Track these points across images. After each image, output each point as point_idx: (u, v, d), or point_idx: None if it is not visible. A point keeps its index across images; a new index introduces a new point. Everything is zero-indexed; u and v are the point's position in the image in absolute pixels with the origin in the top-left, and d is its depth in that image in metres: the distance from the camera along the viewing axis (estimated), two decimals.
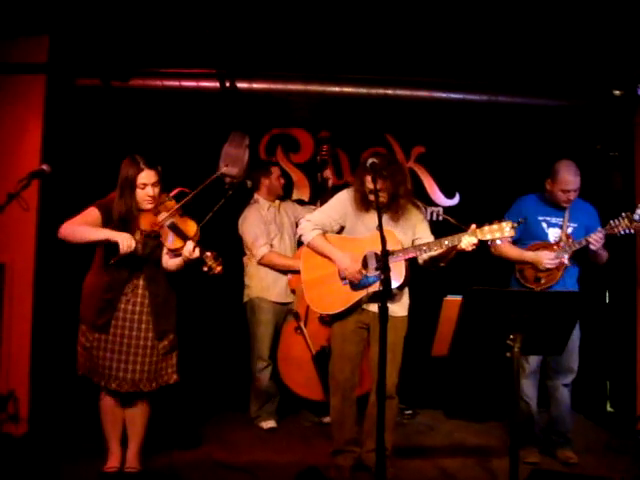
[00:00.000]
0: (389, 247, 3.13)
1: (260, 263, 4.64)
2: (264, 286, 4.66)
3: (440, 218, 5.32)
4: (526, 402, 3.99)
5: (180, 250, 3.32)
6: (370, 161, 3.44)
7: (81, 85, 4.71)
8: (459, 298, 2.84)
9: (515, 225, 3.34)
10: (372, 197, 3.51)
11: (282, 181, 4.86)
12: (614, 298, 4.99)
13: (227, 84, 4.73)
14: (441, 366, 4.91)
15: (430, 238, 3.63)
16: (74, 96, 4.71)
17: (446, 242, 3.44)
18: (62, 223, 3.40)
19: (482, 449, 4.28)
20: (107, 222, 3.38)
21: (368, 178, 3.50)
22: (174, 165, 4.99)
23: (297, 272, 4.56)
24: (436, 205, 5.35)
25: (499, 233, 3.34)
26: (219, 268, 3.30)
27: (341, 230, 3.77)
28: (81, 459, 3.81)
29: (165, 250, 3.44)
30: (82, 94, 4.74)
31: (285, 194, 5.04)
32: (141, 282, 3.47)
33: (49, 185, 4.33)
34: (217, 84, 4.77)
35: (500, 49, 4.72)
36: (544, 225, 4.04)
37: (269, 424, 4.60)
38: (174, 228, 3.34)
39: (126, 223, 3.38)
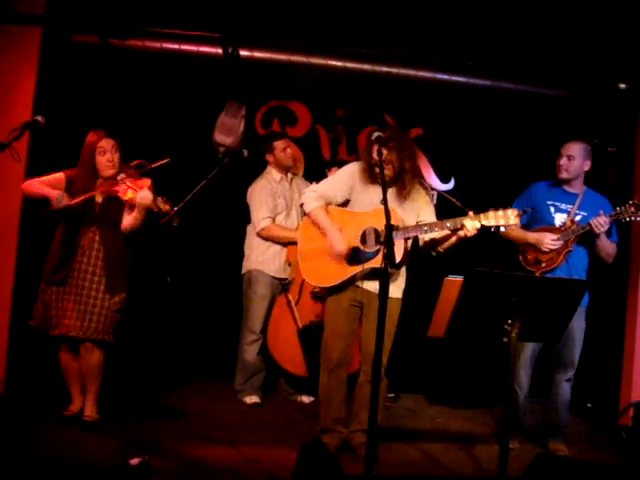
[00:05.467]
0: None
1: (259, 235, 4.54)
2: (264, 259, 4.57)
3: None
4: (515, 390, 3.96)
5: (134, 200, 3.58)
6: (376, 134, 3.35)
7: (78, 41, 4.58)
8: (460, 279, 2.79)
9: (520, 213, 3.26)
10: (378, 169, 3.44)
11: (289, 152, 4.66)
12: (603, 295, 4.96)
13: (229, 50, 4.61)
14: (424, 351, 4.87)
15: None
16: (70, 51, 4.58)
17: (448, 224, 3.36)
18: None
19: (466, 434, 4.26)
20: (69, 188, 3.63)
21: (374, 149, 3.43)
22: (167, 130, 4.91)
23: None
24: (431, 189, 5.28)
25: (503, 220, 3.24)
26: (167, 206, 3.65)
27: (347, 203, 3.68)
28: (58, 420, 3.76)
29: (126, 212, 3.68)
30: (79, 50, 4.61)
31: None
32: (97, 238, 3.67)
33: (39, 139, 4.19)
34: (218, 50, 4.69)
35: (508, 35, 4.68)
36: (552, 209, 4.00)
37: (253, 399, 4.53)
38: (127, 183, 3.61)
39: (86, 188, 3.63)
